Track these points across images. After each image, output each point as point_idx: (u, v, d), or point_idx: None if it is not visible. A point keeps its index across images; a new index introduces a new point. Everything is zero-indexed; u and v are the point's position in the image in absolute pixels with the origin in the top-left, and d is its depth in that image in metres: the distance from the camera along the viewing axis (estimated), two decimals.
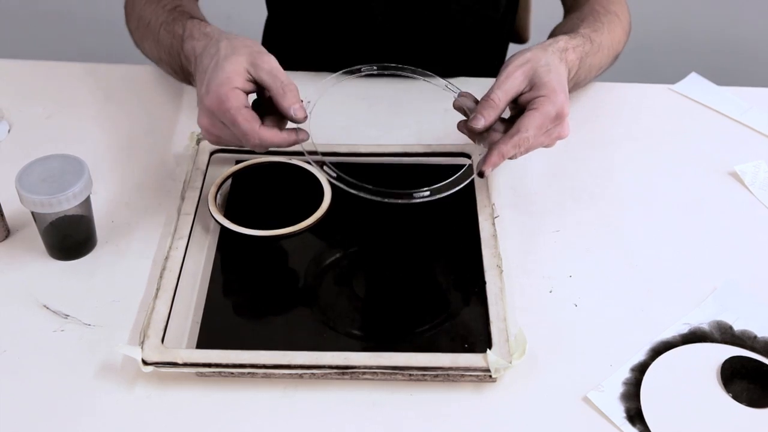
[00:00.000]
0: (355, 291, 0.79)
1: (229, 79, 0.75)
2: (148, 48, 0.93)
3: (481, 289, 0.77)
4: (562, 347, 0.75)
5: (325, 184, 0.88)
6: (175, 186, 0.89)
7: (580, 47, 0.87)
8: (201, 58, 0.80)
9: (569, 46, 0.86)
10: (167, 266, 0.78)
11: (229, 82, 0.75)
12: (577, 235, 0.83)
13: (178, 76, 0.90)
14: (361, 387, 0.71)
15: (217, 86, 0.75)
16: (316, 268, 0.79)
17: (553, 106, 0.78)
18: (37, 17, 2.16)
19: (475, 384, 0.72)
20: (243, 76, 0.76)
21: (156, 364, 0.69)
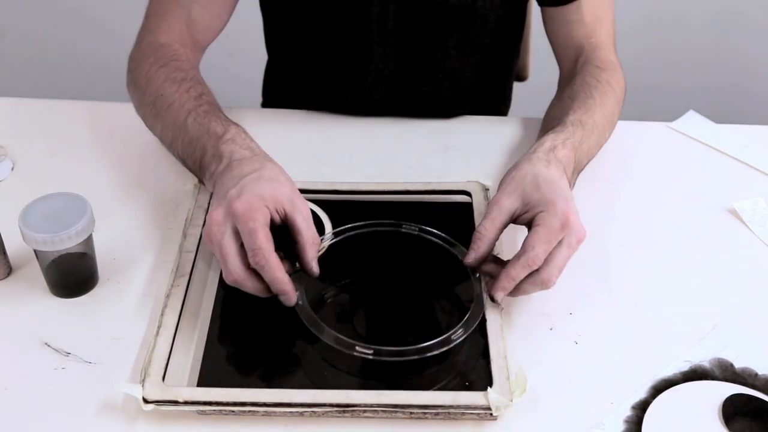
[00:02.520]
0: (356, 328, 0.79)
1: (265, 198, 0.74)
2: (162, 128, 0.91)
3: (482, 327, 0.77)
4: (562, 385, 0.75)
5: (326, 221, 0.88)
6: (177, 224, 0.90)
7: (571, 138, 0.87)
8: (241, 164, 0.79)
9: (557, 143, 0.85)
10: (168, 304, 0.78)
11: (264, 200, 0.74)
12: (577, 273, 0.82)
13: (186, 164, 0.88)
14: (361, 425, 0.71)
15: (253, 195, 0.74)
16: (317, 306, 0.79)
17: (556, 218, 0.76)
18: (41, 56, 2.18)
19: (476, 422, 0.71)
20: (276, 206, 0.75)
21: (157, 403, 0.69)
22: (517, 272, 0.76)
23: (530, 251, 0.75)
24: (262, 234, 0.73)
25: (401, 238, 0.85)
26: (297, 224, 0.76)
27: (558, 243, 0.76)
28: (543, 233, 0.76)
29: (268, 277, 0.73)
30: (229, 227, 0.74)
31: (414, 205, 0.93)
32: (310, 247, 0.77)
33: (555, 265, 0.76)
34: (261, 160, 0.80)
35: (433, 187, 0.93)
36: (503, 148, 1.04)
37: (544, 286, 0.76)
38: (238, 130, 0.85)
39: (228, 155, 0.81)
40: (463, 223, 0.89)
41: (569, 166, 0.84)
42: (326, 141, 1.04)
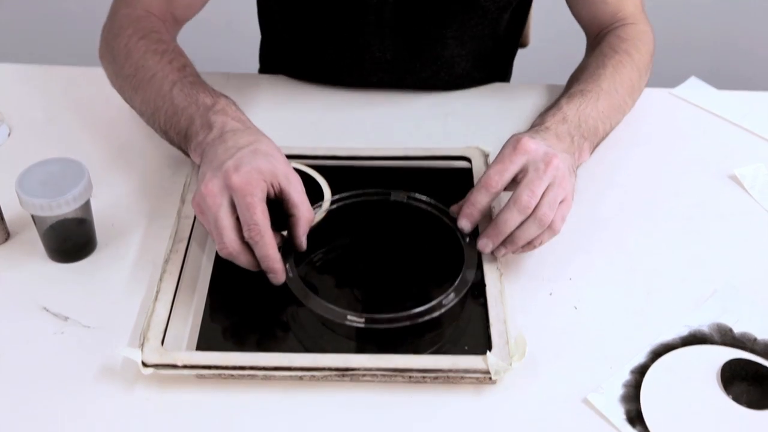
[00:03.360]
0: (355, 293, 0.79)
1: (263, 172, 0.74)
2: (142, 100, 0.89)
3: (481, 292, 0.77)
4: (562, 349, 0.75)
5: (324, 187, 0.87)
6: (175, 189, 0.90)
7: (563, 108, 0.87)
8: (234, 135, 0.78)
9: (546, 117, 0.86)
10: (167, 269, 0.78)
11: (262, 174, 0.74)
12: (577, 238, 0.83)
13: (167, 135, 0.87)
14: (360, 389, 0.71)
15: (252, 169, 0.73)
16: (315, 265, 0.79)
17: (508, 144, 0.79)
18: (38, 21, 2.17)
19: (475, 386, 0.72)
20: (273, 180, 0.75)
21: (156, 366, 0.69)
22: (476, 197, 0.78)
23: (483, 175, 0.78)
24: (260, 209, 0.72)
25: (391, 206, 0.85)
26: (293, 199, 0.76)
27: (524, 170, 0.77)
28: (496, 159, 0.78)
29: (260, 253, 0.73)
30: (225, 200, 0.73)
31: (413, 171, 0.93)
32: (304, 222, 0.76)
33: (533, 191, 0.75)
34: (255, 134, 0.79)
35: (432, 153, 0.93)
36: (504, 115, 1.03)
37: (539, 222, 0.76)
38: (227, 101, 0.84)
39: (219, 126, 0.80)
40: (463, 189, 0.87)
41: (562, 132, 0.84)
42: (325, 107, 1.04)
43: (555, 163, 0.77)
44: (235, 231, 0.73)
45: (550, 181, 0.76)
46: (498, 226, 0.77)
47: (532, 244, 0.78)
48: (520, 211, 0.76)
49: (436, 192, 0.88)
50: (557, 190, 0.77)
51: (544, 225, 0.76)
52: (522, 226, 0.76)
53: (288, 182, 0.76)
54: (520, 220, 0.76)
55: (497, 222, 0.77)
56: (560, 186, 0.77)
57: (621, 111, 0.95)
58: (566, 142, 0.83)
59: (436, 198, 0.86)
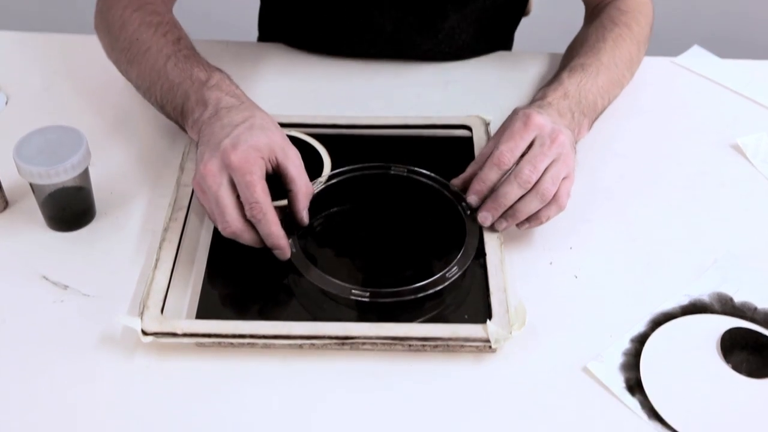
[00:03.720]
0: (355, 262, 0.79)
1: (261, 148, 0.73)
2: (138, 74, 0.88)
3: (482, 261, 0.77)
4: (562, 318, 0.75)
5: (325, 156, 0.87)
6: (174, 157, 0.89)
7: (563, 83, 0.87)
8: (229, 112, 0.77)
9: (547, 92, 0.86)
10: (166, 237, 0.78)
11: (260, 151, 0.73)
12: (577, 208, 0.82)
13: (164, 110, 0.86)
14: (360, 357, 0.71)
15: (249, 147, 0.72)
16: (316, 238, 0.79)
17: (517, 119, 0.78)
18: None
19: (475, 354, 0.72)
20: (270, 155, 0.74)
21: (155, 335, 0.69)
22: (487, 174, 0.78)
23: (495, 152, 0.77)
24: (260, 187, 0.72)
25: (391, 180, 0.84)
26: (290, 173, 0.75)
27: (530, 146, 0.77)
28: (505, 135, 0.78)
29: (264, 230, 0.73)
30: (225, 179, 0.72)
31: (414, 139, 0.93)
32: (303, 196, 0.76)
33: (535, 166, 0.76)
34: (250, 108, 0.79)
35: (433, 122, 0.93)
36: (505, 83, 1.02)
37: (541, 197, 0.76)
38: (222, 76, 0.83)
39: (214, 102, 0.79)
40: (464, 158, 0.88)
41: (563, 108, 0.84)
42: (325, 76, 1.03)
43: (561, 140, 0.77)
44: (237, 209, 0.73)
45: (554, 158, 0.77)
46: (498, 199, 0.77)
47: (539, 219, 0.78)
48: (520, 185, 0.76)
49: (437, 161, 0.88)
50: (560, 166, 0.77)
51: (546, 199, 0.76)
52: (523, 200, 0.77)
53: (285, 156, 0.75)
54: (520, 194, 0.76)
55: (497, 195, 0.77)
56: (564, 162, 0.77)
57: (619, 85, 0.95)
58: (567, 118, 0.83)
59: (437, 167, 0.85)
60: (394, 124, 0.93)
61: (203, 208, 0.76)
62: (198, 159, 0.75)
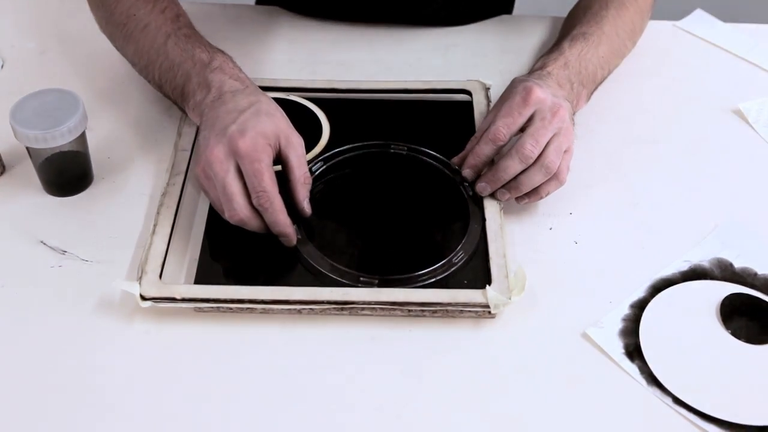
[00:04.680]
0: (355, 227, 0.79)
1: (268, 135, 0.72)
2: (135, 51, 0.86)
3: (481, 227, 0.77)
4: (561, 284, 0.75)
5: (323, 121, 0.86)
6: (171, 122, 0.88)
7: (565, 53, 0.86)
8: (234, 97, 0.76)
9: (547, 61, 0.85)
10: (164, 202, 0.77)
11: (267, 138, 0.72)
12: (577, 173, 0.82)
13: (162, 89, 0.85)
14: (359, 323, 0.71)
15: (257, 134, 0.72)
16: (316, 204, 0.78)
17: (516, 93, 0.77)
18: None
19: (474, 320, 0.72)
20: (276, 141, 0.73)
21: (154, 300, 0.69)
22: (482, 148, 0.78)
23: (491, 126, 0.77)
24: (268, 176, 0.71)
25: (391, 159, 0.84)
26: (290, 162, 0.74)
27: (531, 120, 0.77)
28: (503, 108, 0.77)
29: (270, 219, 0.72)
30: (232, 165, 0.71)
31: (413, 104, 0.92)
32: (301, 186, 0.75)
33: (537, 141, 0.75)
34: (255, 93, 0.77)
35: (432, 86, 0.92)
36: (505, 48, 1.01)
37: (545, 169, 0.75)
38: (225, 58, 0.81)
39: (217, 85, 0.78)
40: (463, 123, 0.88)
41: (562, 79, 0.83)
42: (323, 40, 1.02)
43: (561, 114, 0.77)
44: (244, 196, 0.72)
45: (555, 131, 0.76)
46: (497, 172, 0.77)
47: (539, 194, 0.78)
48: (521, 159, 0.75)
49: (437, 126, 0.88)
50: (562, 139, 0.76)
51: (550, 172, 0.76)
52: (527, 173, 0.76)
53: (288, 143, 0.74)
54: (520, 168, 0.76)
55: (497, 168, 0.77)
56: (565, 136, 0.77)
57: (620, 55, 0.93)
58: (566, 89, 0.82)
59: (437, 133, 0.85)
60: (393, 88, 0.92)
61: (206, 195, 0.75)
62: (202, 144, 0.74)
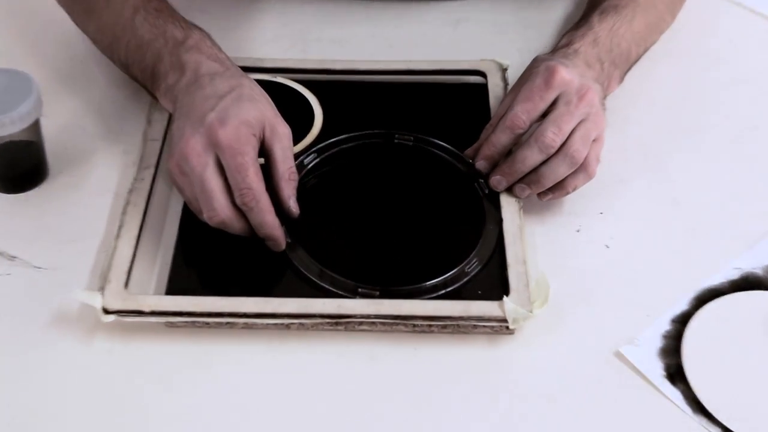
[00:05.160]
0: (353, 229, 0.79)
1: (252, 124, 0.72)
2: (97, 27, 0.87)
3: (498, 228, 0.77)
4: (591, 294, 0.75)
5: (315, 106, 0.87)
6: (140, 107, 0.88)
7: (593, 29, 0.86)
8: (213, 80, 0.76)
9: (573, 38, 0.85)
10: (131, 200, 0.77)
11: (252, 128, 0.72)
12: (609, 166, 0.81)
13: (129, 70, 0.85)
14: (357, 340, 0.71)
15: (240, 122, 0.71)
16: (308, 203, 0.78)
17: (537, 74, 0.77)
18: None
19: (490, 336, 0.71)
20: (261, 131, 0.73)
21: (119, 313, 0.69)
22: (498, 137, 0.78)
23: (509, 112, 0.77)
24: (253, 171, 0.71)
25: (395, 150, 0.84)
26: (275, 154, 0.74)
27: (554, 104, 0.77)
28: (523, 92, 0.78)
29: (256, 220, 0.72)
30: (211, 159, 0.71)
31: (419, 87, 0.92)
32: (286, 182, 0.75)
33: (559, 128, 0.75)
34: (236, 76, 0.77)
35: (441, 66, 0.92)
36: (526, 21, 1.02)
37: (570, 160, 0.75)
38: (201, 35, 0.81)
39: (193, 67, 0.78)
40: (477, 109, 0.88)
41: (591, 57, 0.83)
42: (316, 13, 1.02)
43: (589, 97, 0.77)
44: (226, 195, 0.72)
45: (582, 118, 0.76)
46: (515, 163, 0.77)
47: (565, 189, 0.78)
48: (541, 149, 0.75)
49: (446, 114, 0.89)
50: (590, 126, 0.76)
51: (576, 163, 0.76)
52: (550, 164, 0.76)
53: (273, 133, 0.74)
54: (540, 159, 0.76)
55: (514, 159, 0.77)
56: (593, 122, 0.77)
57: (658, 30, 0.94)
58: (596, 70, 0.83)
59: (446, 121, 0.86)
60: (395, 69, 0.92)
61: (181, 193, 0.75)
62: (175, 134, 0.74)
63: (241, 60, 0.86)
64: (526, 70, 0.81)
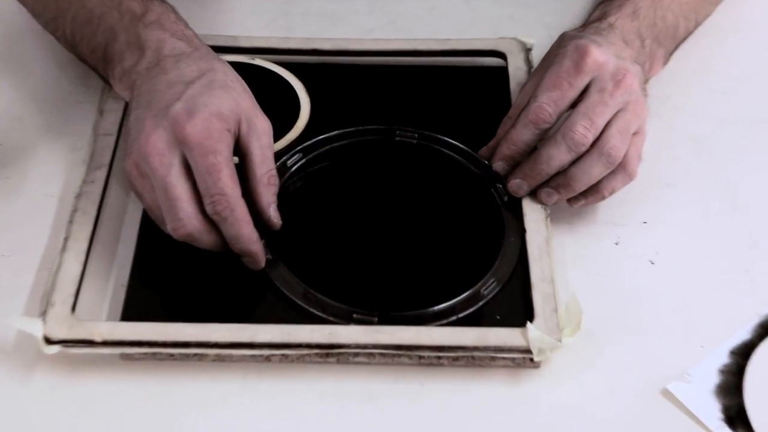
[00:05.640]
0: (346, 244, 0.79)
1: (226, 117, 0.71)
2: None
3: (520, 242, 0.77)
4: (632, 320, 0.74)
5: (301, 93, 0.87)
6: (89, 95, 0.88)
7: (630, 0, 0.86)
8: (178, 63, 0.76)
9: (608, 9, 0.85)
10: (80, 207, 0.77)
11: (226, 121, 0.71)
12: (653, 165, 0.82)
13: (76, 49, 0.85)
14: (352, 374, 0.71)
15: (212, 115, 0.71)
16: (292, 212, 0.78)
17: (565, 56, 0.77)
18: None
19: (511, 371, 0.71)
20: (236, 125, 0.73)
21: (64, 343, 0.69)
22: (519, 133, 0.78)
23: (532, 103, 0.77)
24: (227, 173, 0.70)
25: (396, 150, 0.84)
26: (251, 154, 0.74)
27: (585, 92, 0.76)
28: (548, 77, 0.78)
29: (231, 233, 0.72)
30: (176, 159, 0.70)
31: (426, 72, 0.92)
32: (264, 188, 0.74)
33: (592, 122, 0.75)
34: (206, 58, 0.77)
35: (452, 46, 0.92)
36: None
37: (606, 158, 0.75)
38: (164, 9, 0.81)
39: (154, 46, 0.78)
40: (495, 99, 0.88)
41: (630, 33, 0.83)
42: None
43: (627, 82, 0.76)
44: (194, 202, 0.71)
45: (619, 108, 0.76)
46: (537, 164, 0.77)
47: (600, 193, 0.78)
48: (570, 147, 0.75)
49: (458, 102, 0.89)
50: (629, 117, 0.76)
51: (613, 162, 0.75)
52: (581, 164, 0.76)
53: (250, 128, 0.74)
54: (569, 159, 0.76)
55: (537, 159, 0.77)
56: (633, 113, 0.77)
57: (712, 0, 0.94)
58: (635, 48, 0.83)
59: (458, 116, 0.85)
60: (398, 49, 0.92)
61: (140, 199, 0.75)
62: (133, 128, 0.74)
63: (211, 38, 0.87)
64: (552, 50, 0.81)
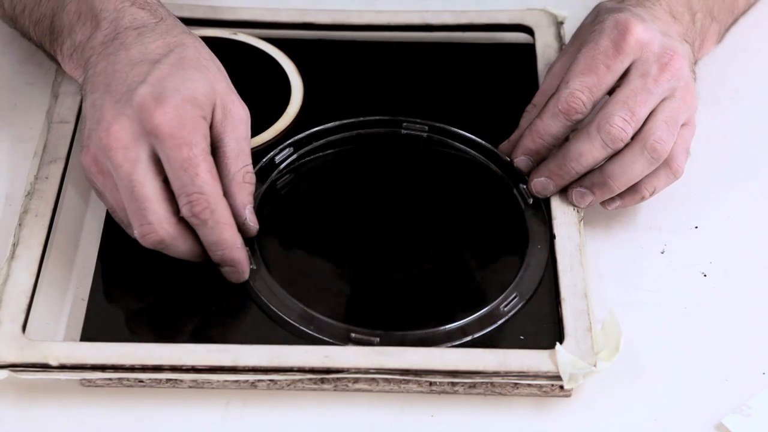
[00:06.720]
0: (344, 253, 0.81)
1: (200, 102, 0.72)
2: None
3: (548, 250, 0.79)
4: (680, 343, 0.76)
5: (292, 75, 0.87)
6: (41, 77, 0.90)
7: None
8: (141, 36, 0.76)
9: None
10: (31, 208, 0.79)
11: (200, 106, 0.72)
12: (705, 161, 0.83)
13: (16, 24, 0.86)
14: (351, 403, 0.72)
15: (184, 100, 0.71)
16: (279, 216, 0.79)
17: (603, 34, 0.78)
18: None
19: (537, 400, 0.73)
20: (211, 111, 0.73)
21: (14, 368, 0.70)
22: (546, 125, 0.79)
23: (562, 89, 0.77)
24: (205, 168, 0.71)
25: (403, 144, 0.86)
26: (225, 146, 0.75)
27: (625, 76, 0.77)
28: (582, 58, 0.78)
29: (210, 238, 0.73)
30: (144, 152, 0.71)
31: (439, 50, 0.94)
32: (239, 187, 0.75)
33: (632, 112, 0.75)
34: (173, 32, 0.78)
35: (470, 20, 0.94)
36: None
37: (650, 153, 0.75)
38: None
39: (111, 17, 0.78)
40: (520, 82, 0.89)
41: (678, 6, 0.84)
42: None
43: (675, 65, 0.78)
44: (166, 203, 0.72)
45: (665, 95, 0.78)
46: (567, 160, 0.78)
47: (640, 193, 0.79)
48: (606, 142, 0.76)
49: (476, 87, 0.90)
50: (676, 106, 0.77)
51: (658, 158, 0.76)
52: (620, 160, 0.77)
53: (225, 115, 0.75)
54: (604, 155, 0.77)
55: (567, 154, 0.78)
56: (682, 101, 0.78)
57: None
58: (684, 23, 0.84)
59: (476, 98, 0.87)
60: (406, 23, 0.94)
61: (101, 198, 0.75)
62: (90, 117, 0.74)
63: (187, 9, 0.88)
64: (586, 25, 0.82)
